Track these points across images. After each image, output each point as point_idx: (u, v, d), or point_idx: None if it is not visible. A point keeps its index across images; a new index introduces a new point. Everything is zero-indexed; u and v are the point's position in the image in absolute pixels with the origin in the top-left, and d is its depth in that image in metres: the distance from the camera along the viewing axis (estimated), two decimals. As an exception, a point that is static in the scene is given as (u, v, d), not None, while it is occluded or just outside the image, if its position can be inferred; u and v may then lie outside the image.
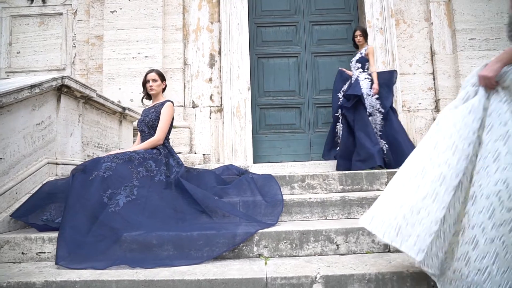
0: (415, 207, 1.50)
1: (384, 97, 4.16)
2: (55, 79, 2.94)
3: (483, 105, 1.52)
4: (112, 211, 2.29)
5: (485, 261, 1.32)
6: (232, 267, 1.94)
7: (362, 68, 4.39)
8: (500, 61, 1.55)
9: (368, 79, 4.24)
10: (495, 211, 1.36)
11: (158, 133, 2.85)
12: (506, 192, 1.34)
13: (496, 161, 1.41)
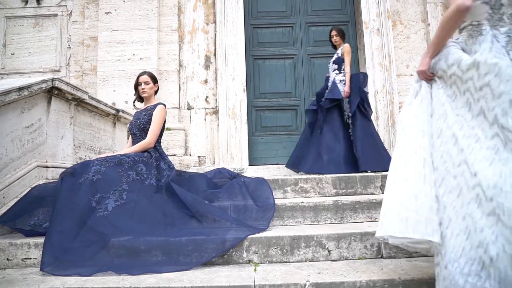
0: (412, 194, 1.59)
1: (352, 101, 4.01)
2: (45, 81, 2.90)
3: (429, 94, 1.72)
4: (100, 216, 2.24)
5: None
6: (221, 273, 1.90)
7: (339, 70, 4.20)
8: (427, 55, 1.74)
9: (343, 82, 4.08)
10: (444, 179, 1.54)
11: (150, 136, 2.81)
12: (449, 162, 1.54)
13: (439, 136, 1.62)
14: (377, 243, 2.10)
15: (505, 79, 1.50)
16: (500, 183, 1.39)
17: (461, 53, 1.64)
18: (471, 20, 1.67)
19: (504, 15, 1.63)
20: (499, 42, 1.59)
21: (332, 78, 4.18)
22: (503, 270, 1.27)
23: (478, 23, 1.65)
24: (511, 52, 1.56)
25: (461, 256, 1.38)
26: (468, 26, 1.69)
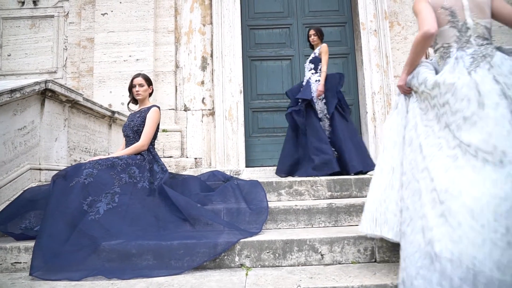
0: (381, 199, 1.87)
1: (329, 102, 3.89)
2: (38, 83, 2.89)
3: (406, 107, 1.94)
4: (91, 219, 2.22)
5: None
6: (212, 278, 1.88)
7: (315, 69, 4.08)
8: (404, 72, 1.96)
9: (319, 81, 3.95)
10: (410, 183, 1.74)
11: (143, 138, 2.79)
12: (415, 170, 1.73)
13: (410, 145, 1.81)
14: (371, 247, 2.08)
15: (460, 98, 1.68)
16: (451, 189, 1.55)
17: (427, 73, 1.84)
18: (442, 42, 1.86)
19: (471, 37, 1.81)
20: (463, 63, 1.75)
21: (308, 77, 4.09)
22: (444, 265, 1.43)
23: (448, 45, 1.84)
24: (473, 72, 1.70)
25: (417, 251, 1.55)
26: (440, 48, 1.89)
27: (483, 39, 1.81)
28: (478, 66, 1.72)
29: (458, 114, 1.67)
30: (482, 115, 1.62)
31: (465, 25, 1.82)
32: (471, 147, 1.60)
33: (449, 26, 1.83)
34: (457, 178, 1.57)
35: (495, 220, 1.42)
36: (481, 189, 1.50)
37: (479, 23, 1.82)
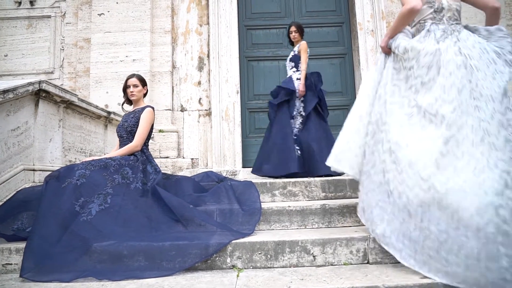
0: (346, 141, 2.25)
1: (308, 100, 3.76)
2: (31, 84, 2.88)
3: (383, 64, 2.21)
4: (84, 220, 2.21)
5: None
6: (202, 279, 1.87)
7: (296, 67, 3.96)
8: (387, 35, 2.22)
9: (300, 80, 3.83)
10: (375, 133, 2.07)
11: (137, 139, 2.78)
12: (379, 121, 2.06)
13: (379, 99, 2.10)
14: (363, 249, 2.07)
15: (421, 65, 1.98)
16: (400, 141, 1.91)
17: (403, 39, 2.11)
18: (419, 19, 2.14)
19: (444, 17, 2.10)
20: (434, 34, 2.05)
21: (289, 75, 4.01)
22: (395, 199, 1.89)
23: (424, 21, 2.13)
24: (441, 42, 2.01)
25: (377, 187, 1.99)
26: (417, 23, 2.17)
27: (454, 19, 2.11)
28: (446, 38, 2.02)
29: (418, 78, 1.98)
30: (435, 82, 1.92)
31: (440, 5, 2.11)
32: (421, 109, 1.92)
33: (427, 6, 2.12)
34: (407, 133, 1.92)
35: (424, 169, 1.80)
36: (422, 143, 1.85)
37: (451, 5, 2.12)
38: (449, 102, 1.85)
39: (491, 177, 1.69)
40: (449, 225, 1.71)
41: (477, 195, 1.67)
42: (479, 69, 1.89)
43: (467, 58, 1.92)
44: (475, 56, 1.93)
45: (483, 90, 1.84)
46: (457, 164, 1.76)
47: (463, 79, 1.88)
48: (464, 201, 1.68)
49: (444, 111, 1.85)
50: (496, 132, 1.77)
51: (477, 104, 1.83)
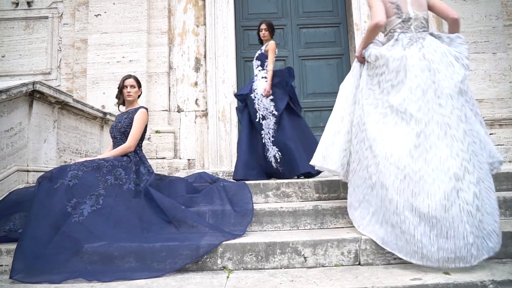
0: (331, 141, 2.44)
1: (279, 99, 3.62)
2: (25, 85, 2.88)
3: (359, 72, 2.44)
4: (75, 221, 2.21)
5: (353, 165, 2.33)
6: (192, 280, 1.87)
7: (262, 66, 3.83)
8: (360, 46, 2.45)
9: (266, 78, 3.69)
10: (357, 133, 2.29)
11: (130, 139, 2.78)
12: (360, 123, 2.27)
13: (357, 104, 2.34)
14: (354, 250, 2.06)
15: (391, 70, 2.21)
16: (377, 137, 2.13)
17: (373, 48, 2.33)
18: (389, 28, 2.36)
19: (411, 26, 2.31)
20: (402, 42, 2.26)
21: (255, 74, 3.87)
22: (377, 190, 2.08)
23: (394, 30, 2.34)
24: (407, 49, 2.23)
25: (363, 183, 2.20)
26: (388, 33, 2.38)
27: (421, 27, 2.32)
28: (412, 45, 2.24)
29: (389, 82, 2.21)
30: (404, 84, 2.15)
31: (407, 16, 2.32)
32: (393, 108, 2.13)
33: (395, 17, 2.33)
34: (382, 130, 2.13)
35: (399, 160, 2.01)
36: (396, 138, 2.07)
37: (418, 15, 2.33)
38: (415, 102, 2.09)
39: (454, 165, 1.93)
40: None
41: (443, 181, 1.90)
42: (440, 71, 2.12)
43: (430, 62, 2.14)
44: (436, 60, 2.15)
45: (444, 90, 2.08)
46: (426, 155, 1.98)
47: (427, 80, 2.11)
48: (433, 186, 1.91)
49: (412, 109, 2.08)
50: (456, 126, 2.01)
51: (440, 102, 2.06)
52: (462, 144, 1.97)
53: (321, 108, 5.46)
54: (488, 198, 1.98)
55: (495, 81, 5.09)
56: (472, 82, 5.05)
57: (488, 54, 5.13)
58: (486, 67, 5.10)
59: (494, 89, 5.09)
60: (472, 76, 5.07)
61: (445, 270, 1.83)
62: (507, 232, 2.06)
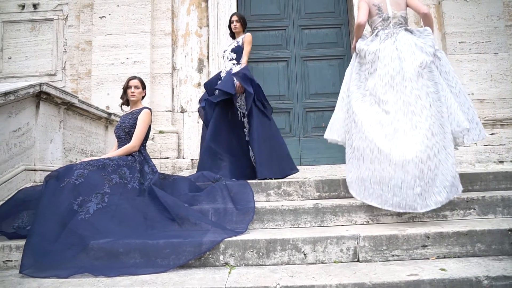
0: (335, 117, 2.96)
1: (247, 97, 3.46)
2: (32, 86, 2.95)
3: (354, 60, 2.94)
4: (81, 219, 2.28)
5: None
6: (195, 276, 1.92)
7: (237, 60, 3.65)
8: (354, 41, 2.96)
9: None
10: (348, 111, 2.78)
11: (134, 139, 2.84)
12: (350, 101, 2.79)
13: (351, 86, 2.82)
14: (353, 247, 2.11)
15: (368, 61, 2.73)
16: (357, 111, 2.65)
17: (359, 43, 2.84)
18: (373, 26, 2.88)
19: (390, 23, 2.80)
20: (380, 37, 2.77)
21: (229, 68, 3.66)
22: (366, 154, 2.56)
23: (376, 28, 2.85)
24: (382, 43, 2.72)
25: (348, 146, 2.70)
26: (373, 29, 2.88)
27: (398, 24, 2.79)
28: (387, 39, 2.73)
29: (366, 70, 2.74)
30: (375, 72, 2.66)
31: (387, 15, 2.81)
32: (368, 91, 2.69)
33: (377, 16, 2.84)
34: (361, 107, 2.66)
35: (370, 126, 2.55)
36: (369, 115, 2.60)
37: (396, 14, 2.80)
38: (382, 86, 2.60)
39: (414, 134, 2.41)
40: (385, 164, 2.40)
41: (404, 146, 2.39)
42: (406, 59, 2.59)
43: (400, 52, 2.64)
44: (404, 50, 2.64)
45: (406, 74, 2.55)
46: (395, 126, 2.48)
47: (396, 67, 2.59)
48: (396, 148, 2.40)
49: (380, 92, 2.61)
50: (414, 103, 2.47)
51: (405, 84, 2.54)
52: (420, 117, 2.44)
53: (323, 108, 5.49)
54: (446, 162, 2.39)
55: (497, 81, 5.11)
56: (474, 83, 5.09)
57: (490, 54, 5.15)
58: (487, 68, 5.12)
59: (496, 89, 5.11)
60: (473, 76, 5.11)
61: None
62: (504, 229, 2.10)
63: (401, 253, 2.08)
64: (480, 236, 2.09)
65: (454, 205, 2.49)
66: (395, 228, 2.24)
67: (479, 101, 5.06)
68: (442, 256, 2.07)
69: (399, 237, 2.09)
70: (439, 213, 2.47)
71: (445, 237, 2.08)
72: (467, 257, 2.06)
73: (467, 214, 2.49)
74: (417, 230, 2.14)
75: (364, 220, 2.49)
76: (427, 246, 2.07)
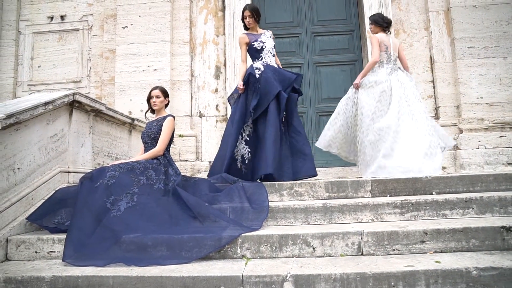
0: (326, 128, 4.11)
1: None
2: (67, 96, 3.26)
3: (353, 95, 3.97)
4: (114, 216, 2.56)
5: None
6: (216, 266, 2.18)
7: None
8: (360, 76, 3.95)
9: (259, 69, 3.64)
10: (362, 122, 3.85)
11: (159, 144, 3.12)
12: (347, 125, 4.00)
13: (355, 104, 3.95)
14: (358, 242, 2.33)
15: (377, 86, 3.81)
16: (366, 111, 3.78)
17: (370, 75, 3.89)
18: (381, 60, 3.88)
19: (391, 60, 3.91)
20: (386, 71, 3.86)
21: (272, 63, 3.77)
22: None
23: (382, 62, 3.89)
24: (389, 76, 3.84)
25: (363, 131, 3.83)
26: (380, 62, 3.88)
27: (394, 62, 3.92)
28: (391, 74, 3.84)
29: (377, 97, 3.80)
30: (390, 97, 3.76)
31: (390, 53, 3.91)
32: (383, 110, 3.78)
33: (384, 52, 3.89)
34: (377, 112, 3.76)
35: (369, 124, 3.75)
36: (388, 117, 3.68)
37: (395, 54, 3.94)
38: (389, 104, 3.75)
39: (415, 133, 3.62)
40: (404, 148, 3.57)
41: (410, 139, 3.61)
42: (407, 88, 3.79)
43: (402, 83, 3.81)
44: (405, 82, 3.83)
45: (409, 97, 3.74)
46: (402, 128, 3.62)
47: (401, 94, 3.74)
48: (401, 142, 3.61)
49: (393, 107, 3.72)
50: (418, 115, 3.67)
51: (409, 103, 3.71)
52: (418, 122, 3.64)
53: (335, 112, 5.69)
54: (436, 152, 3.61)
55: (506, 85, 5.22)
56: (483, 87, 5.22)
57: (499, 58, 5.26)
58: (496, 71, 5.24)
59: (505, 93, 5.22)
60: (482, 80, 5.24)
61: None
62: (496, 227, 2.29)
63: (401, 247, 2.28)
64: (474, 232, 2.28)
65: (453, 204, 2.68)
66: (397, 225, 2.45)
67: (488, 105, 5.19)
68: (439, 251, 2.26)
69: (399, 233, 2.30)
70: (439, 212, 2.67)
71: (441, 234, 2.28)
72: (462, 251, 2.25)
73: (466, 213, 2.68)
74: (416, 227, 2.35)
75: (369, 218, 2.70)
76: (425, 241, 2.28)
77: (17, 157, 2.79)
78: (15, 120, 2.69)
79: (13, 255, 2.52)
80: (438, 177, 3.09)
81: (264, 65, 3.68)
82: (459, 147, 5.07)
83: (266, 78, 3.56)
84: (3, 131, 2.60)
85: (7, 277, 2.14)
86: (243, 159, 3.55)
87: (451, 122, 5.29)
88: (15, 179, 2.76)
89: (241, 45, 3.84)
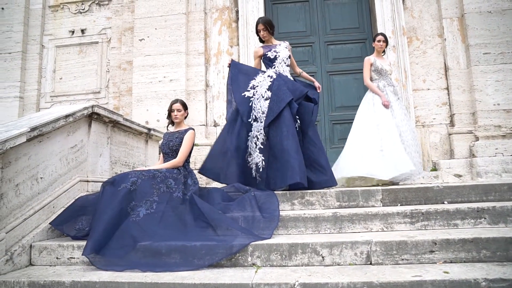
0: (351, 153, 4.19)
1: None
2: (86, 108, 3.41)
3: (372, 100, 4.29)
4: (133, 221, 2.68)
5: None
6: (226, 274, 2.24)
7: None
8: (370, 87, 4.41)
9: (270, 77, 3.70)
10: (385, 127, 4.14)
11: (180, 156, 3.24)
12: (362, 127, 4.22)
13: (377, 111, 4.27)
14: (366, 251, 2.36)
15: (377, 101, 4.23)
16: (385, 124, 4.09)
17: None
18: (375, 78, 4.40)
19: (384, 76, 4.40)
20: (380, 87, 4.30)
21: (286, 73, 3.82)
22: None
23: (376, 79, 4.37)
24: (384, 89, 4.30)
25: None
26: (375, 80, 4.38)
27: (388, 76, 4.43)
28: (386, 87, 4.32)
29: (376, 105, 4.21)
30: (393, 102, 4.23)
31: (382, 70, 4.38)
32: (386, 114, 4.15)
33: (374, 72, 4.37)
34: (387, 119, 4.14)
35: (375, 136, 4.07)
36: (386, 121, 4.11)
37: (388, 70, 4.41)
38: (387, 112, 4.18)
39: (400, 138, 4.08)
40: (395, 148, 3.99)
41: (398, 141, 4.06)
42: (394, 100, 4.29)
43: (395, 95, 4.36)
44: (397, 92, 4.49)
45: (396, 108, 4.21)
46: None
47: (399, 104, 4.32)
48: None
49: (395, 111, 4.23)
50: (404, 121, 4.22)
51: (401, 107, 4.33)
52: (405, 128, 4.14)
53: (349, 120, 5.62)
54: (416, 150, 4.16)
55: (524, 91, 5.15)
56: (499, 93, 5.16)
57: (516, 64, 5.19)
58: (513, 77, 5.18)
59: (523, 99, 5.14)
60: (499, 86, 5.18)
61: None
62: (508, 237, 2.28)
63: (410, 257, 2.30)
64: (485, 243, 2.27)
65: (465, 214, 2.68)
66: (406, 235, 2.46)
67: (505, 111, 5.13)
68: (449, 261, 2.27)
69: (408, 243, 2.32)
70: (450, 221, 2.67)
71: (451, 244, 2.29)
72: (473, 262, 2.25)
73: (477, 223, 2.67)
74: (425, 237, 2.36)
75: (379, 227, 2.72)
76: (434, 251, 2.29)
77: (40, 168, 2.93)
78: (39, 133, 2.84)
79: (36, 261, 2.66)
80: (450, 186, 3.09)
81: (276, 73, 3.75)
82: (475, 155, 5.01)
83: (279, 85, 3.57)
84: (27, 143, 2.75)
85: (31, 281, 2.27)
86: (257, 167, 3.53)
87: (466, 129, 5.23)
88: (38, 188, 2.90)
89: (255, 58, 3.97)
